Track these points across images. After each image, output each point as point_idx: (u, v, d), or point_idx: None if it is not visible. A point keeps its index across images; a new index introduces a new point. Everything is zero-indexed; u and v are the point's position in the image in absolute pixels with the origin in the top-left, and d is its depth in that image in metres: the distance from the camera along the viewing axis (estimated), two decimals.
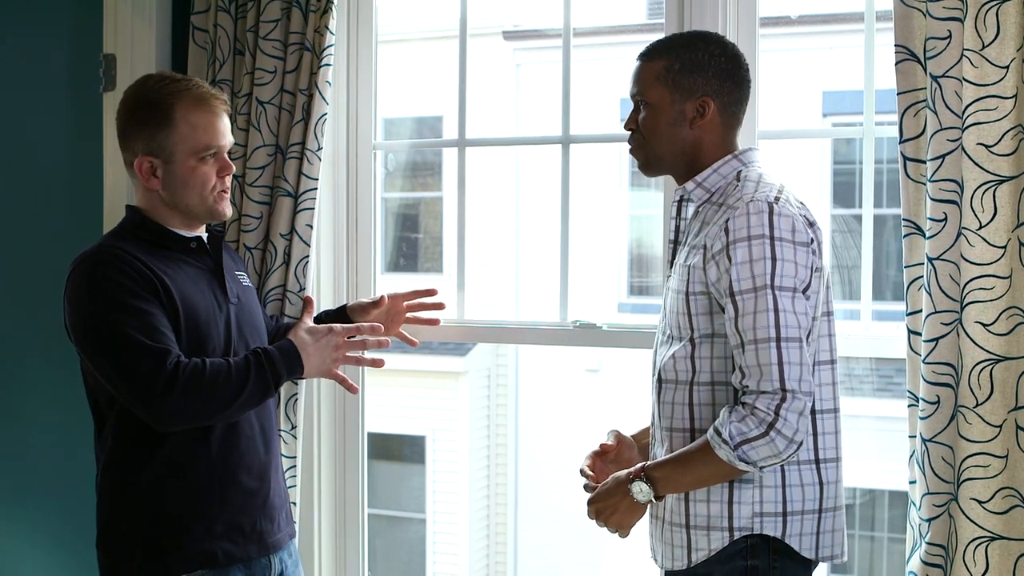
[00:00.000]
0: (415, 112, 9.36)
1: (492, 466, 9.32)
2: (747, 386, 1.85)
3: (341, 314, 2.58)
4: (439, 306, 2.67)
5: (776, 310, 1.85)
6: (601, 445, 2.23)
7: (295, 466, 2.69)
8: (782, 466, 1.94)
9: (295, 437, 2.67)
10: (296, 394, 2.67)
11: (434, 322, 2.67)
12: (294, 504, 2.64)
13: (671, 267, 2.12)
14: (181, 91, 2.21)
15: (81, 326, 2.18)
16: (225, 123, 2.26)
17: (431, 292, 2.67)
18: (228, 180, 2.28)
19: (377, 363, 2.47)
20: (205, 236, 2.32)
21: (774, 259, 1.87)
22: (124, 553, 2.21)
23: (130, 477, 2.20)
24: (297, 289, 2.64)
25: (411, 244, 9.77)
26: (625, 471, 2.01)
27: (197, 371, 2.09)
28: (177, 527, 2.19)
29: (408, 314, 2.64)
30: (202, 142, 2.20)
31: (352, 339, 2.35)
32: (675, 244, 2.15)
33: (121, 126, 2.25)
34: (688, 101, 2.03)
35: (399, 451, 9.29)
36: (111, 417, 2.22)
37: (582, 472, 2.17)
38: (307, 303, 2.59)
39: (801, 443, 1.84)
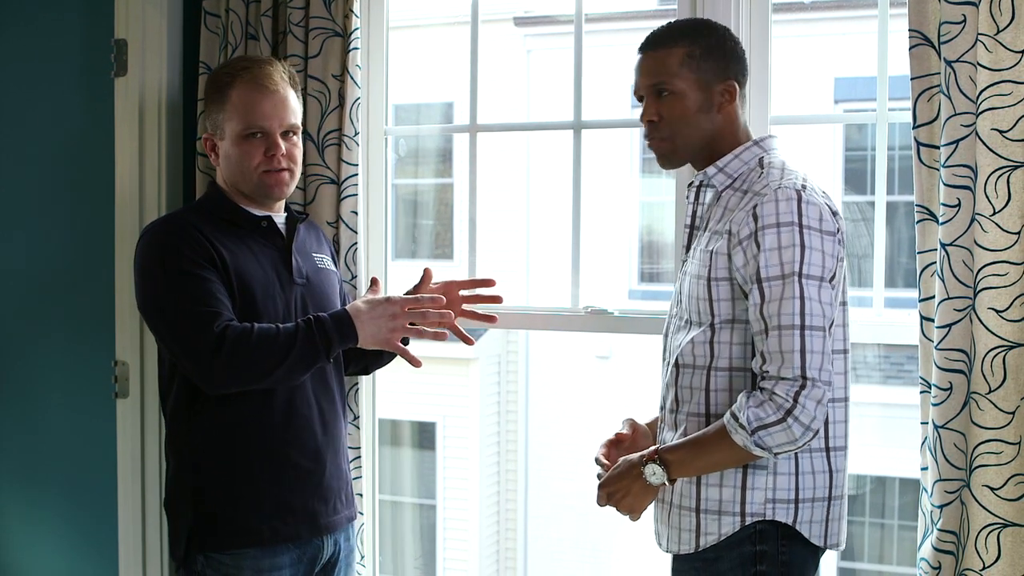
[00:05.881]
0: (426, 98, 9.34)
1: (502, 452, 9.32)
2: (767, 372, 1.86)
3: None
4: (496, 299, 2.52)
5: (802, 298, 1.85)
6: (616, 434, 2.23)
7: (359, 456, 2.71)
8: (796, 453, 1.95)
9: (357, 428, 2.69)
10: (357, 385, 2.69)
11: (491, 319, 2.48)
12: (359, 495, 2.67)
13: (687, 252, 2.11)
14: (242, 70, 2.29)
15: (142, 291, 2.24)
16: (277, 104, 2.29)
17: (489, 283, 2.52)
18: (279, 160, 2.29)
19: (440, 336, 2.27)
20: (282, 216, 2.37)
21: (803, 247, 1.87)
22: (182, 518, 2.27)
23: (189, 447, 2.27)
24: (349, 278, 2.64)
25: (422, 230, 9.76)
26: (637, 454, 2.02)
27: (244, 333, 2.13)
28: (227, 501, 2.23)
29: (464, 306, 2.49)
30: (244, 121, 2.27)
31: (412, 310, 2.26)
32: (691, 229, 2.14)
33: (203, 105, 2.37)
34: (716, 85, 2.03)
35: (409, 437, 9.30)
36: (173, 387, 2.28)
37: (597, 461, 2.17)
38: (374, 283, 2.59)
39: (817, 431, 1.84)
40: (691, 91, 2.03)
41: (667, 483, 1.98)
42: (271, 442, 2.25)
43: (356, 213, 2.66)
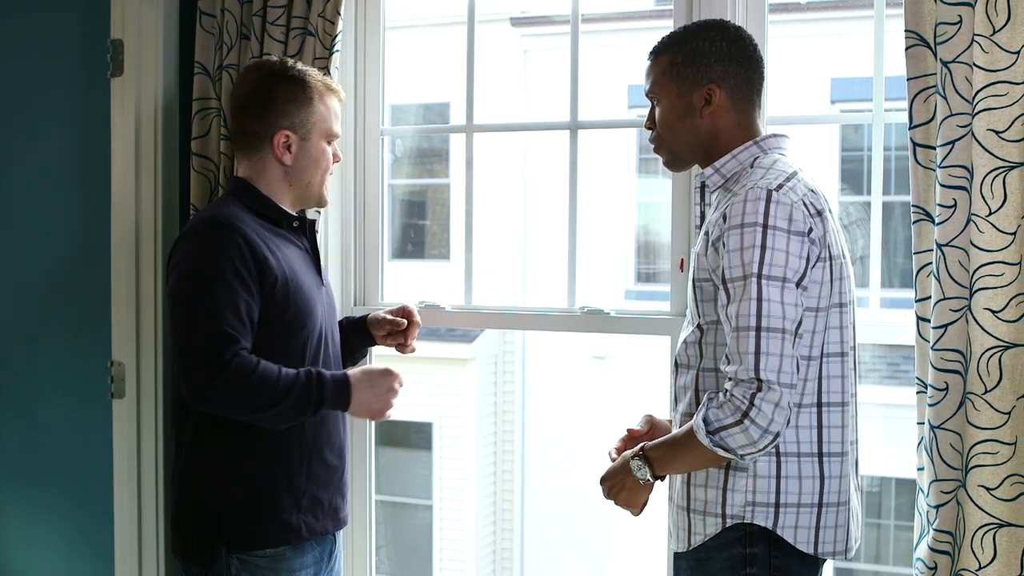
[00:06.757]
0: (423, 99, 9.35)
1: (499, 452, 9.33)
2: (728, 373, 1.86)
3: (362, 324, 2.53)
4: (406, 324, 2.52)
5: (760, 299, 1.83)
6: (629, 430, 2.24)
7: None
8: (778, 457, 1.93)
9: None
10: None
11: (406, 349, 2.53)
12: None
13: None
14: (315, 75, 2.33)
15: (173, 284, 2.21)
16: (339, 116, 2.38)
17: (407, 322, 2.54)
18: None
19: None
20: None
21: (763, 247, 1.85)
22: (210, 526, 2.23)
23: (223, 448, 2.24)
24: None
25: (418, 231, 9.76)
26: (631, 450, 2.02)
27: (247, 368, 2.11)
28: (266, 501, 2.22)
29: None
30: (332, 127, 2.34)
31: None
32: (701, 230, 2.15)
33: (263, 98, 2.29)
34: (694, 91, 2.03)
35: (406, 438, 9.30)
36: None
37: (609, 456, 2.18)
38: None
39: (778, 434, 1.82)
40: (673, 99, 2.05)
41: (650, 479, 1.98)
42: (309, 440, 2.26)
43: (319, 212, 2.65)
